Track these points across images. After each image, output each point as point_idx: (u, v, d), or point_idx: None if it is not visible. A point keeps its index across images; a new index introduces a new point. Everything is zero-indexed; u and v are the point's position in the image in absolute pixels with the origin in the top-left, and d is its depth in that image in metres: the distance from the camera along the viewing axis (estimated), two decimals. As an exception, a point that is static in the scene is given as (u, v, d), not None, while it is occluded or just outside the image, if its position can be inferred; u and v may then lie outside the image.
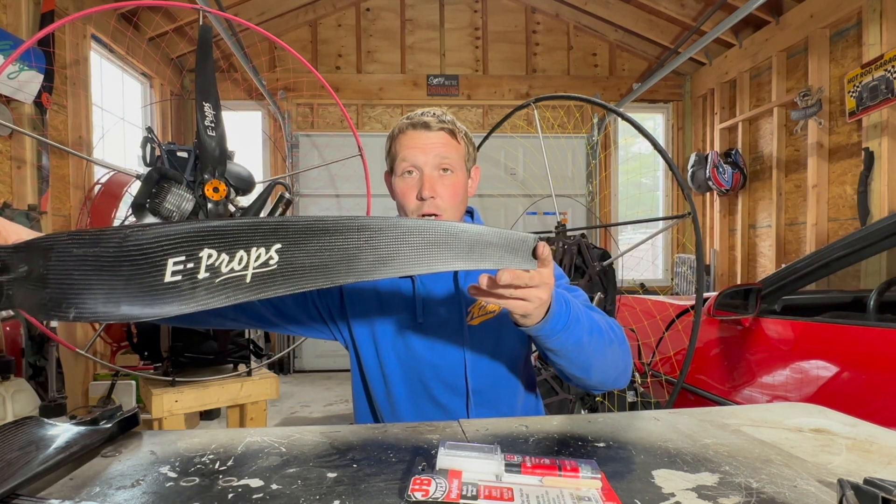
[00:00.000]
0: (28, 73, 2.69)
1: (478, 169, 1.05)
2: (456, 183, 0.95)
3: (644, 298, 2.58)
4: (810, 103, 3.58)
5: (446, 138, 0.95)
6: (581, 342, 0.78)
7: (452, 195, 0.94)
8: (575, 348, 0.78)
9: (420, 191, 0.92)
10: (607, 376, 0.86)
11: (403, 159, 0.94)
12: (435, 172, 0.94)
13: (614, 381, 0.88)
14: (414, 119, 0.95)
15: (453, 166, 0.95)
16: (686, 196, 2.02)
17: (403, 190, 0.95)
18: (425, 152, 0.93)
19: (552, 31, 5.30)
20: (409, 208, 0.95)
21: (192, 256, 0.56)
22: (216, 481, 0.59)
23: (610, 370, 0.85)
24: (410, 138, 0.94)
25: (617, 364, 0.86)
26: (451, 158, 0.94)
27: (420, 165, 0.93)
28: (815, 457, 0.67)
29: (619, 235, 5.33)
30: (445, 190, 0.93)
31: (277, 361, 4.86)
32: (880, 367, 1.39)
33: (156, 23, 4.13)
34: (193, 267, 0.56)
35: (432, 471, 0.56)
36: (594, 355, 0.81)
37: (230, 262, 0.56)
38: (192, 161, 2.07)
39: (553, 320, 0.73)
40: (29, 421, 0.68)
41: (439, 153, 0.93)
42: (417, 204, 0.93)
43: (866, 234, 1.55)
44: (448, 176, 0.94)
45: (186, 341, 2.03)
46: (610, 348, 0.83)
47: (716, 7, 4.25)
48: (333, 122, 5.10)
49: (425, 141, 0.94)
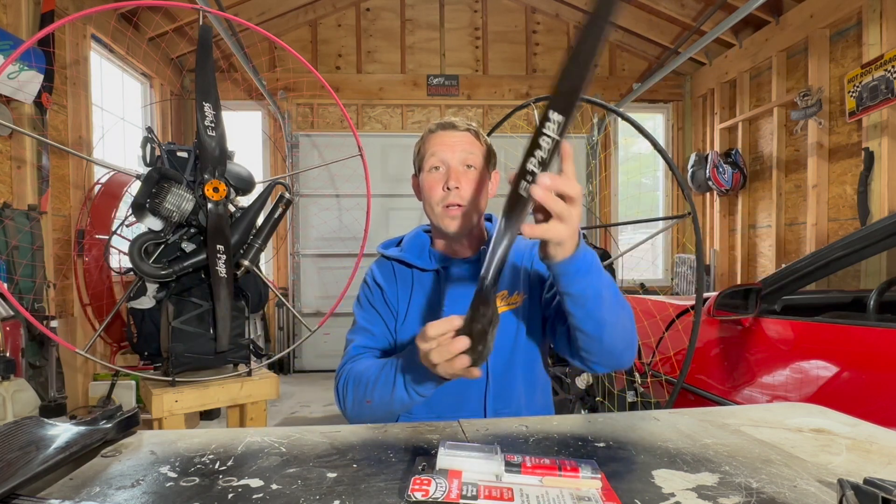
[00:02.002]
0: (28, 73, 2.69)
1: (497, 174, 1.12)
2: (479, 179, 1.03)
3: (644, 298, 2.58)
4: (810, 103, 3.58)
5: (471, 138, 1.04)
6: (601, 293, 0.80)
7: (475, 189, 1.02)
8: (595, 297, 0.79)
9: (446, 182, 1.00)
10: (616, 342, 0.86)
11: (432, 154, 1.03)
12: (461, 167, 1.02)
13: (621, 353, 0.89)
14: (442, 123, 1.06)
15: (477, 163, 1.03)
16: (686, 196, 2.02)
17: (430, 183, 1.03)
18: (452, 149, 1.02)
19: (552, 31, 5.30)
20: (435, 199, 1.02)
21: None
22: (216, 481, 0.59)
23: (619, 335, 0.86)
24: (439, 136, 1.04)
25: (626, 331, 0.88)
26: (475, 155, 1.03)
27: (447, 160, 1.02)
28: (815, 457, 0.66)
29: (619, 235, 5.33)
30: (469, 184, 1.01)
31: (277, 361, 4.86)
32: (880, 367, 1.39)
33: (156, 23, 4.13)
34: None
35: (432, 471, 0.56)
36: (609, 312, 0.82)
37: None
38: (192, 161, 2.07)
39: (581, 256, 0.75)
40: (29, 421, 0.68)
41: (465, 149, 1.02)
42: (442, 194, 1.01)
43: (866, 234, 1.55)
44: (472, 172, 1.03)
45: (186, 341, 2.03)
46: (623, 312, 0.86)
47: (716, 7, 4.25)
48: (333, 122, 5.10)
49: (452, 139, 1.03)
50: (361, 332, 1.07)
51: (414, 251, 1.10)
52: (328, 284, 4.96)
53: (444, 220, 1.02)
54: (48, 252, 2.93)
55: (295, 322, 4.91)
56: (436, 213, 1.03)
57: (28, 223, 2.71)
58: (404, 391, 0.86)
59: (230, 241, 2.00)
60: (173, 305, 2.01)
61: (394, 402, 0.89)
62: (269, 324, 4.88)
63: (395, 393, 0.87)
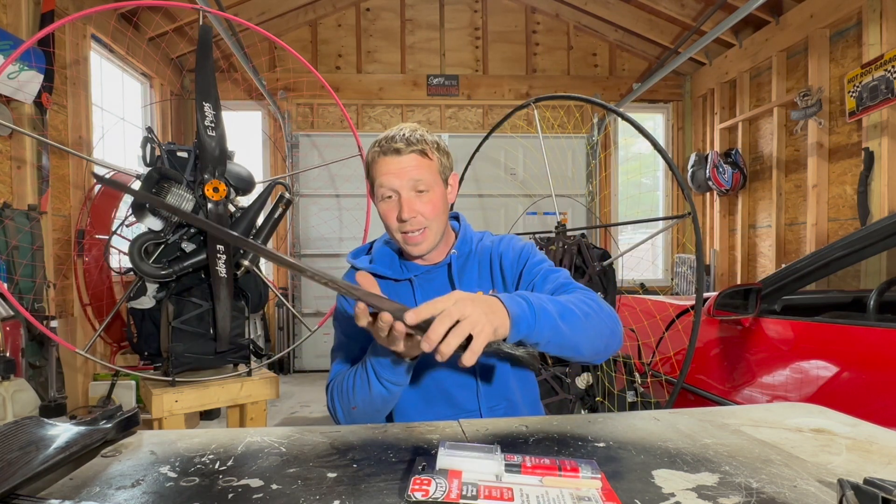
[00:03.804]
0: (28, 73, 2.69)
1: (455, 175, 1.09)
2: (434, 199, 1.00)
3: (644, 298, 2.58)
4: (810, 103, 3.58)
5: (417, 160, 0.98)
6: (558, 329, 0.80)
7: (432, 210, 1.00)
8: (554, 335, 0.80)
9: (400, 213, 0.98)
10: (597, 346, 0.89)
11: (381, 185, 0.99)
12: (412, 194, 0.98)
13: (606, 348, 0.92)
14: (384, 147, 0.99)
15: (428, 185, 0.99)
16: (686, 196, 2.02)
17: (386, 212, 1.01)
18: (399, 176, 0.97)
19: (552, 31, 5.30)
20: (393, 227, 1.01)
21: None
22: (216, 481, 0.59)
23: (597, 340, 0.89)
24: (384, 164, 0.99)
25: (602, 332, 0.89)
26: (425, 179, 0.98)
27: (397, 189, 0.98)
28: (815, 457, 0.66)
29: (619, 235, 5.33)
30: (424, 207, 0.99)
31: (277, 361, 4.86)
32: (880, 367, 1.39)
33: (156, 23, 4.13)
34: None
35: (432, 471, 0.56)
36: (575, 335, 0.84)
37: None
38: (192, 161, 2.07)
39: (519, 320, 0.75)
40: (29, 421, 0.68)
41: (412, 176, 0.97)
42: (399, 224, 0.99)
43: (866, 234, 1.55)
44: (425, 195, 0.99)
45: (186, 341, 2.03)
46: (588, 322, 0.86)
47: (716, 7, 4.25)
48: (333, 122, 5.10)
49: (398, 166, 0.97)
50: (341, 350, 1.07)
51: (384, 262, 1.09)
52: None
53: (406, 247, 1.02)
54: (48, 252, 2.93)
55: (295, 322, 4.91)
56: (397, 238, 1.02)
57: (28, 223, 2.71)
58: (379, 385, 0.87)
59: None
60: (173, 305, 2.01)
61: (374, 399, 0.90)
62: (269, 324, 4.88)
63: (373, 390, 0.89)
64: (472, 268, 1.08)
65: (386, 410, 0.96)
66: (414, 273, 1.07)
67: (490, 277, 1.07)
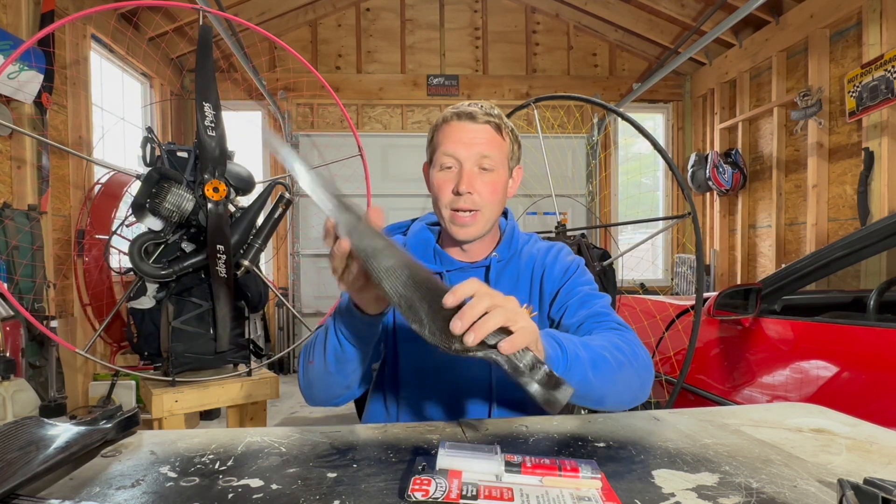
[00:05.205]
0: (28, 73, 2.68)
1: (520, 169, 1.01)
2: (496, 181, 0.92)
3: (644, 298, 2.58)
4: (810, 103, 3.58)
5: (491, 133, 0.91)
6: (587, 380, 0.73)
7: (491, 192, 0.91)
8: (582, 387, 0.73)
9: (457, 184, 0.89)
10: (623, 399, 0.81)
11: (444, 152, 0.91)
12: (475, 168, 0.90)
13: (632, 401, 0.83)
14: (460, 109, 0.91)
15: (494, 165, 0.91)
16: (686, 196, 2.02)
17: (440, 183, 0.92)
18: (468, 147, 0.90)
19: (552, 31, 5.30)
20: (444, 201, 0.92)
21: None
22: (216, 481, 0.59)
23: (625, 393, 0.81)
24: (454, 129, 0.91)
25: (632, 385, 0.81)
26: (493, 157, 0.91)
27: (461, 159, 0.90)
28: (815, 457, 0.66)
29: (619, 235, 5.32)
30: (484, 187, 0.90)
31: (277, 361, 4.86)
32: (880, 367, 1.39)
33: (156, 23, 4.13)
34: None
35: (432, 471, 0.56)
36: (604, 386, 0.76)
37: None
38: (192, 161, 2.07)
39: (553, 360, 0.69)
40: (29, 421, 0.68)
41: (481, 150, 0.90)
42: (452, 198, 0.90)
43: (866, 234, 1.55)
44: (488, 174, 0.91)
45: (186, 341, 2.03)
46: (620, 373, 0.78)
47: (716, 7, 4.25)
48: (333, 122, 5.10)
49: (469, 135, 0.90)
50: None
51: (419, 247, 1.01)
52: (328, 284, 4.96)
53: (451, 227, 0.93)
54: (48, 252, 2.93)
55: (295, 322, 4.91)
56: (444, 216, 0.93)
57: (28, 223, 2.71)
58: (334, 336, 0.80)
59: (230, 241, 2.00)
60: (173, 305, 2.01)
61: (328, 354, 0.82)
62: (269, 324, 4.88)
63: (328, 341, 0.81)
64: (511, 275, 0.99)
65: (339, 380, 0.85)
66: (447, 267, 0.98)
67: (529, 290, 0.99)
